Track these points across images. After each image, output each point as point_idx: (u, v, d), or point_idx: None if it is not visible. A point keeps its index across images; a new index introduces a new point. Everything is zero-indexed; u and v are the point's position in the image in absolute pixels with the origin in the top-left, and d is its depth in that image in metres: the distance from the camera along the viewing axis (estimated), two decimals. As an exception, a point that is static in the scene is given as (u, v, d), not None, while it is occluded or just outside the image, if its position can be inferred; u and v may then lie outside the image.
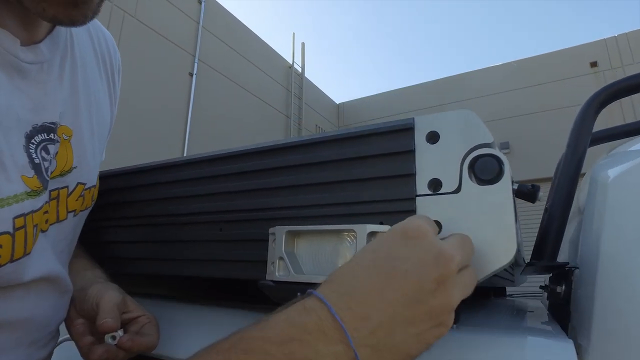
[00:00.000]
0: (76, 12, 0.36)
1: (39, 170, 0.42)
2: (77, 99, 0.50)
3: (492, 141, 0.38)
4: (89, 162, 0.52)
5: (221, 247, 0.51)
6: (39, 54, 0.43)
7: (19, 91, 0.41)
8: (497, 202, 0.37)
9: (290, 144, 0.47)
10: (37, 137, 0.42)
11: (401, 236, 0.31)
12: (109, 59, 0.60)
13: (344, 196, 0.43)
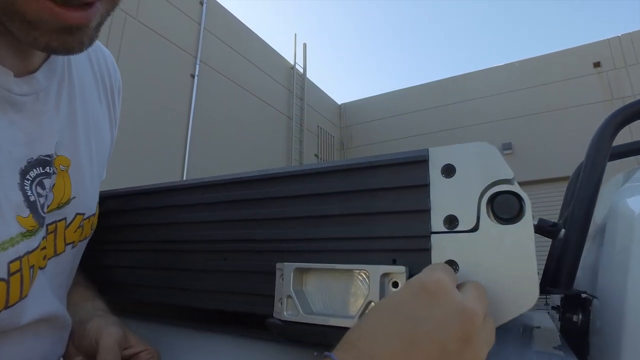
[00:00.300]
0: (71, 39, 0.33)
1: (34, 208, 0.40)
2: (76, 126, 0.48)
3: (512, 177, 0.36)
4: (88, 191, 0.50)
5: (225, 278, 0.49)
6: (35, 84, 0.41)
7: (13, 126, 0.39)
8: (517, 243, 0.35)
9: (298, 172, 0.45)
10: (32, 173, 0.40)
11: (421, 293, 0.29)
12: (109, 79, 0.58)
13: (354, 230, 0.41)
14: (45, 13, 0.30)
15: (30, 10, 0.30)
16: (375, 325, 0.29)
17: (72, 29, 0.33)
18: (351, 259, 0.41)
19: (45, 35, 0.32)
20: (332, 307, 0.39)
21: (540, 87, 7.36)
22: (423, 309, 0.28)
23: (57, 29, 0.32)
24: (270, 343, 0.49)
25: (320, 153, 8.72)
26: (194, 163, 5.57)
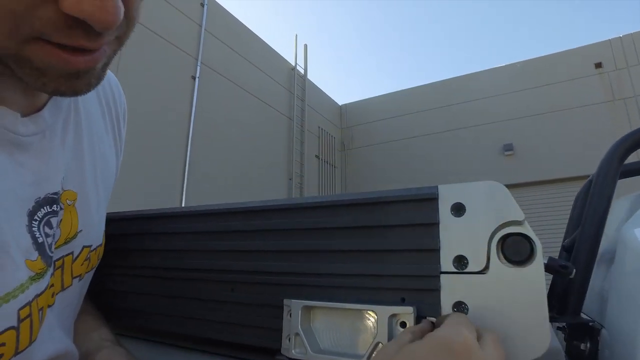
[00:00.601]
0: (79, 82, 0.33)
1: (42, 250, 0.40)
2: (82, 157, 0.48)
3: (523, 218, 0.36)
4: (94, 222, 0.50)
5: (232, 309, 0.49)
6: (41, 123, 0.41)
7: (20, 167, 0.38)
8: (528, 286, 0.35)
9: (308, 204, 0.45)
10: (39, 213, 0.40)
11: (447, 353, 0.29)
12: (114, 105, 0.57)
13: (362, 267, 0.41)
14: (53, 59, 0.30)
15: (39, 57, 0.29)
16: None
17: (80, 73, 0.32)
18: (359, 296, 0.41)
19: (54, 80, 0.32)
20: (340, 346, 0.39)
21: (541, 88, 7.35)
22: None
23: (65, 74, 0.31)
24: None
25: (321, 154, 8.72)
26: (194, 164, 5.57)
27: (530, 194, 7.11)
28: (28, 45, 0.28)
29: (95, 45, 0.31)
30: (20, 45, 0.28)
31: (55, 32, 0.28)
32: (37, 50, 0.29)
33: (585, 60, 7.18)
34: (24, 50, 0.29)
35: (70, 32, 0.28)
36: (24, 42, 0.28)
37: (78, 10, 0.27)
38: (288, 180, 7.63)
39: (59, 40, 0.29)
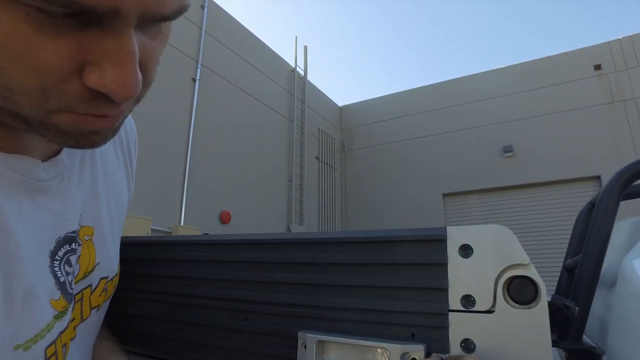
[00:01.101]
0: (97, 137, 0.35)
1: (64, 288, 0.42)
2: (97, 193, 0.49)
3: (528, 262, 0.38)
4: (110, 254, 0.51)
5: (246, 338, 0.51)
6: (60, 166, 0.43)
7: (41, 211, 0.40)
8: (533, 326, 0.37)
9: (322, 240, 0.47)
10: (60, 252, 0.42)
11: None
12: (125, 135, 0.59)
13: (373, 302, 0.43)
14: (79, 124, 0.32)
15: (65, 123, 0.31)
16: None
17: (100, 131, 0.34)
18: (370, 330, 0.43)
19: (75, 137, 0.33)
20: (354, 380, 0.41)
21: (541, 90, 7.37)
22: None
23: (87, 132, 0.33)
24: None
25: (321, 155, 8.74)
26: (195, 167, 5.59)
27: (530, 196, 7.13)
28: (55, 114, 0.30)
29: (117, 112, 0.33)
30: (48, 115, 0.30)
31: (80, 104, 0.30)
32: (63, 118, 0.31)
33: (584, 62, 7.21)
34: (52, 119, 0.30)
35: (94, 103, 0.30)
36: (50, 112, 0.30)
37: (101, 86, 0.28)
38: (288, 182, 7.65)
39: (84, 111, 0.31)
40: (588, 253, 0.54)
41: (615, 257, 0.63)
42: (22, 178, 0.37)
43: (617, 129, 6.77)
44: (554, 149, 7.03)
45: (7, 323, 0.33)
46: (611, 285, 0.60)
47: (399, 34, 38.65)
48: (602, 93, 7.01)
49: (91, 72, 0.28)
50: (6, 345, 0.33)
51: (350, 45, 40.18)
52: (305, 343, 0.44)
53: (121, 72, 0.28)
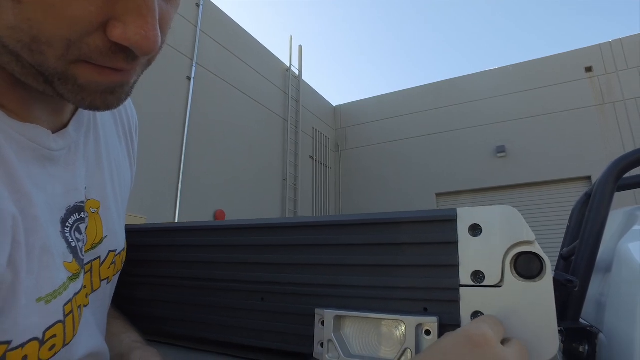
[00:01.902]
0: (112, 97, 0.37)
1: (75, 253, 0.44)
2: (102, 169, 0.51)
3: (534, 239, 0.41)
4: (117, 229, 0.53)
5: (262, 317, 0.53)
6: (68, 138, 0.44)
7: (52, 179, 0.42)
8: (539, 299, 0.39)
9: (337, 222, 0.50)
10: (70, 220, 0.44)
11: (467, 343, 0.34)
12: (127, 118, 0.61)
13: (388, 280, 0.46)
14: (96, 77, 0.34)
15: (83, 76, 0.33)
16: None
17: (115, 89, 0.36)
18: (385, 307, 0.45)
19: (91, 95, 0.35)
20: (370, 352, 0.44)
21: (533, 91, 7.47)
22: (468, 357, 0.33)
23: (101, 89, 0.35)
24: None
25: (315, 155, 8.77)
26: (189, 165, 5.58)
27: (522, 195, 7.22)
28: (74, 65, 0.32)
29: (132, 67, 0.35)
30: (68, 65, 0.32)
31: (100, 57, 0.32)
32: (81, 70, 0.33)
33: (576, 64, 7.32)
34: (70, 70, 0.33)
35: (113, 56, 0.32)
36: (71, 63, 0.32)
37: (125, 39, 0.31)
38: (282, 181, 7.67)
39: (103, 63, 0.33)
40: (586, 236, 0.57)
41: (610, 244, 0.66)
42: (34, 145, 0.39)
43: (607, 130, 6.88)
44: (545, 150, 7.12)
45: (28, 276, 0.35)
46: (606, 272, 0.63)
47: (393, 36, 38.82)
48: (593, 95, 7.12)
49: (115, 26, 0.30)
50: (29, 297, 0.36)
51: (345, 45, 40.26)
52: (323, 319, 0.46)
53: (144, 26, 0.31)
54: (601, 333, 0.56)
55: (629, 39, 7.12)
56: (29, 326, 0.36)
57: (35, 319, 0.36)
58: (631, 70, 6.96)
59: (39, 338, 0.37)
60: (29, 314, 0.35)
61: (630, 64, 7.00)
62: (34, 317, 0.36)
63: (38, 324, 0.37)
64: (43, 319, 0.37)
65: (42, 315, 0.37)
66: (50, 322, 0.38)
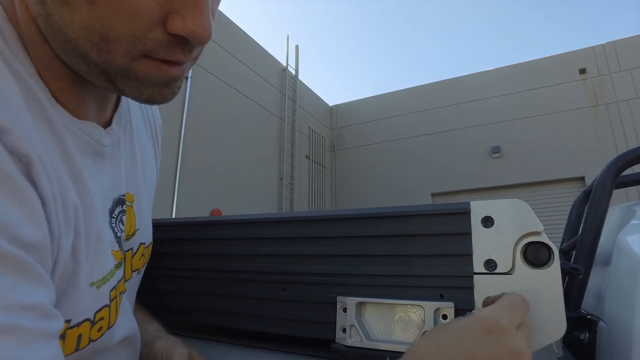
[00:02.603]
0: (167, 90, 0.39)
1: (120, 243, 0.47)
2: (135, 164, 0.54)
3: (542, 230, 0.44)
4: (146, 222, 0.56)
5: (284, 306, 0.56)
6: (114, 135, 0.47)
7: (101, 173, 0.45)
8: (547, 285, 0.43)
9: (358, 215, 0.53)
10: (116, 211, 0.47)
11: (483, 328, 0.36)
12: (153, 117, 0.64)
13: (405, 269, 0.49)
14: (154, 71, 0.36)
15: (143, 70, 0.36)
16: (441, 345, 0.36)
17: (170, 82, 0.39)
18: (403, 294, 0.48)
19: (149, 89, 0.38)
20: (389, 336, 0.47)
21: (528, 92, 7.55)
22: (482, 342, 0.35)
23: (159, 83, 0.38)
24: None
25: (312, 154, 8.80)
26: (186, 164, 5.59)
27: (517, 195, 7.30)
28: (136, 61, 0.35)
29: (188, 58, 0.38)
30: (131, 62, 0.35)
31: (160, 50, 0.35)
32: (142, 65, 0.36)
33: (570, 66, 7.41)
34: (133, 65, 0.35)
35: (172, 49, 0.35)
36: (134, 59, 0.35)
37: (184, 30, 0.34)
38: (279, 180, 7.69)
39: (163, 56, 0.35)
40: (587, 230, 0.60)
41: (608, 239, 0.70)
42: (91, 141, 0.42)
43: (600, 132, 6.98)
44: (540, 150, 7.21)
45: (86, 263, 0.38)
46: (604, 265, 0.67)
47: (389, 37, 38.94)
48: (587, 96, 7.21)
49: (174, 19, 0.33)
50: (85, 280, 0.39)
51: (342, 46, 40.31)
52: (345, 306, 0.49)
53: (200, 17, 0.34)
54: (601, 321, 0.59)
55: (621, 42, 7.22)
56: (84, 308, 0.39)
57: (89, 302, 0.39)
58: (624, 72, 7.07)
59: (91, 319, 0.40)
60: (85, 297, 0.38)
61: (622, 66, 7.11)
62: (88, 300, 0.39)
63: (90, 306, 0.40)
64: (94, 302, 0.40)
65: (94, 298, 0.40)
66: (100, 305, 0.41)
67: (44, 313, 0.28)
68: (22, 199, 0.29)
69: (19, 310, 0.26)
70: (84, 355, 0.42)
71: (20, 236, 0.28)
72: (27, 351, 0.25)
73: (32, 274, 0.28)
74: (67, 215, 0.35)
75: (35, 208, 0.30)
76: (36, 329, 0.26)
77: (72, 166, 0.38)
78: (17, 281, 0.26)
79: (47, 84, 0.37)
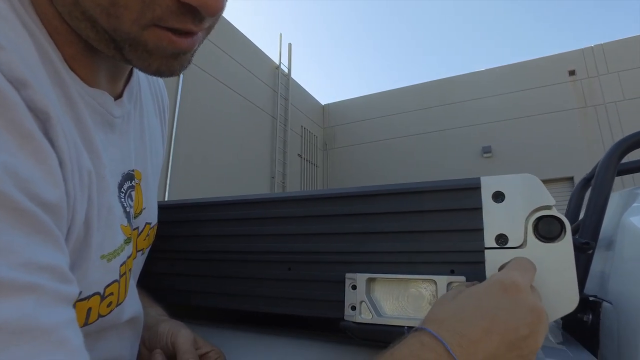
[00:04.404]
0: (176, 63, 0.38)
1: (129, 218, 0.46)
2: (144, 142, 0.53)
3: (554, 204, 0.44)
4: (153, 202, 0.55)
5: (289, 286, 0.55)
6: (123, 107, 0.46)
7: (111, 145, 0.44)
8: (560, 258, 0.43)
9: (363, 192, 0.52)
10: (125, 186, 0.46)
11: (501, 289, 0.37)
12: (161, 97, 0.62)
13: (415, 245, 0.49)
14: (164, 42, 0.35)
15: (152, 41, 0.35)
16: (462, 309, 0.36)
17: (179, 55, 0.37)
18: (414, 270, 0.48)
19: (157, 60, 0.37)
20: (400, 312, 0.46)
21: (519, 93, 7.63)
22: (503, 302, 0.36)
23: (168, 55, 0.37)
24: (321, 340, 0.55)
25: (304, 153, 8.79)
26: (177, 161, 5.54)
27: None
28: (146, 30, 0.34)
29: (199, 29, 0.36)
30: (141, 30, 0.34)
31: (170, 18, 0.34)
32: (152, 35, 0.34)
33: (560, 68, 7.50)
34: (142, 35, 0.34)
35: (182, 17, 0.34)
36: (143, 28, 0.34)
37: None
38: (271, 179, 7.67)
39: (172, 24, 0.34)
40: (590, 212, 0.61)
41: (610, 223, 0.70)
42: (103, 110, 0.41)
43: (589, 133, 7.08)
44: (530, 150, 7.28)
45: (97, 233, 0.37)
46: (607, 249, 0.67)
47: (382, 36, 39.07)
48: (576, 98, 7.31)
49: None
50: (96, 252, 0.38)
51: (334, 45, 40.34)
52: (354, 283, 0.49)
53: None
54: (605, 302, 0.60)
55: (609, 45, 7.34)
56: (94, 281, 0.38)
57: (99, 275, 0.38)
58: (612, 74, 7.18)
59: (101, 293, 0.39)
60: (95, 269, 0.37)
61: (610, 68, 7.22)
62: (98, 273, 0.38)
63: (100, 280, 0.39)
64: (104, 275, 0.39)
65: (104, 271, 0.39)
66: (110, 279, 0.40)
67: (61, 276, 0.27)
68: (40, 156, 0.28)
69: (36, 269, 0.24)
70: (91, 331, 0.41)
71: (39, 194, 0.26)
72: (47, 312, 0.24)
73: (50, 234, 0.27)
74: (82, 181, 0.34)
75: (54, 167, 0.29)
76: (55, 290, 0.25)
77: (85, 133, 0.37)
78: (34, 239, 0.25)
79: (59, 49, 0.36)
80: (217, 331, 0.65)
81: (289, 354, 0.58)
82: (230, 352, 0.59)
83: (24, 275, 0.23)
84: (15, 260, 0.23)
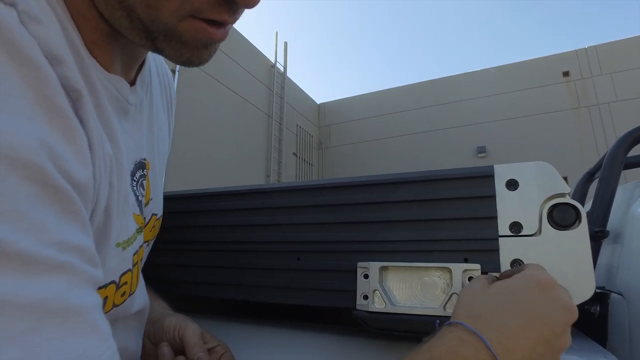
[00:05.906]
0: (205, 52, 0.38)
1: (141, 207, 0.45)
2: (153, 132, 0.52)
3: (568, 191, 0.44)
4: (159, 193, 0.54)
5: (298, 276, 0.55)
6: (137, 95, 0.45)
7: (125, 132, 0.43)
8: (575, 246, 0.42)
9: (375, 181, 0.52)
10: (137, 174, 0.45)
11: (537, 285, 0.37)
12: (169, 89, 0.62)
13: (428, 233, 0.48)
14: (200, 33, 0.35)
15: (188, 32, 0.34)
16: (499, 304, 0.36)
17: (210, 45, 0.37)
18: (427, 258, 0.47)
19: (190, 51, 0.36)
20: (414, 301, 0.46)
21: (513, 93, 7.67)
22: (539, 297, 0.36)
23: (201, 45, 0.36)
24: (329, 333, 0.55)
25: (299, 152, 8.77)
26: (171, 158, 5.50)
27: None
28: (182, 22, 0.33)
29: (233, 20, 0.36)
30: (178, 22, 0.33)
31: (207, 9, 0.33)
32: (189, 25, 0.34)
33: (554, 69, 7.55)
34: (179, 26, 0.34)
35: (219, 8, 0.34)
36: (180, 19, 0.33)
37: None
38: (266, 177, 7.64)
39: (209, 15, 0.34)
40: (597, 204, 0.61)
41: (616, 217, 0.70)
42: (119, 96, 0.40)
43: (583, 133, 7.13)
44: (525, 151, 7.32)
45: (116, 219, 0.36)
46: (614, 242, 0.67)
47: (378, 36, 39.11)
48: (570, 98, 7.36)
49: None
50: (112, 240, 0.37)
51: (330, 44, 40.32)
52: (366, 272, 0.48)
53: None
54: (613, 294, 0.60)
55: (603, 46, 7.40)
56: (111, 269, 0.37)
57: (115, 263, 0.37)
58: (605, 75, 7.24)
59: (116, 282, 0.38)
60: (112, 257, 0.36)
61: (604, 70, 7.28)
62: (115, 261, 0.37)
63: (116, 268, 0.38)
64: (119, 264, 0.38)
65: (119, 260, 0.38)
66: (124, 268, 0.39)
67: (90, 258, 0.26)
68: (72, 135, 0.27)
69: (68, 249, 0.24)
70: None
71: (70, 173, 0.26)
72: (78, 294, 0.23)
73: (79, 215, 0.26)
74: (105, 166, 0.33)
75: (83, 147, 0.28)
76: (85, 272, 0.25)
77: (105, 119, 0.36)
78: (66, 219, 0.24)
79: (81, 34, 0.35)
80: (222, 324, 0.65)
81: (295, 347, 0.58)
82: (235, 346, 0.58)
83: (56, 253, 0.23)
84: (48, 239, 0.22)
